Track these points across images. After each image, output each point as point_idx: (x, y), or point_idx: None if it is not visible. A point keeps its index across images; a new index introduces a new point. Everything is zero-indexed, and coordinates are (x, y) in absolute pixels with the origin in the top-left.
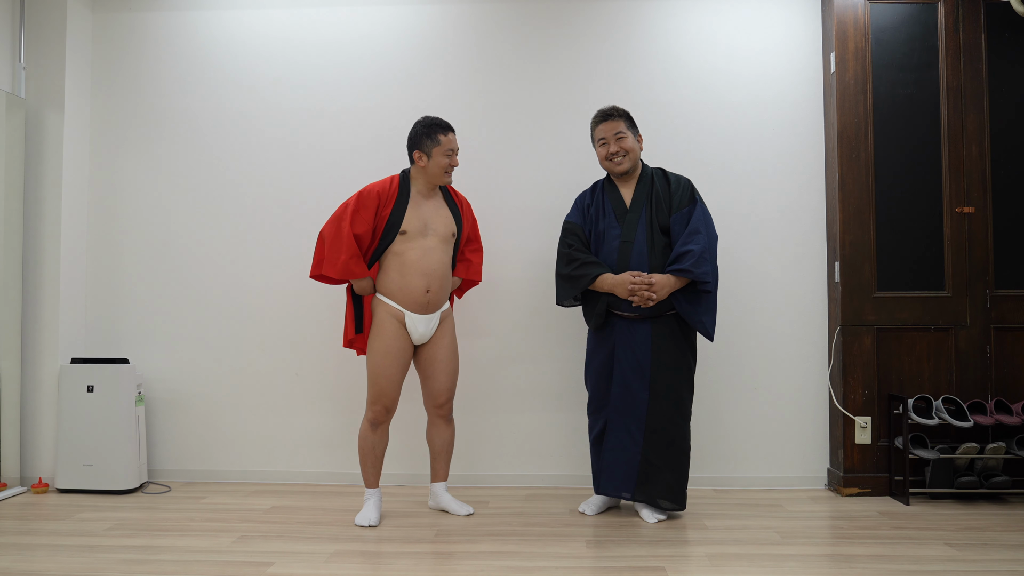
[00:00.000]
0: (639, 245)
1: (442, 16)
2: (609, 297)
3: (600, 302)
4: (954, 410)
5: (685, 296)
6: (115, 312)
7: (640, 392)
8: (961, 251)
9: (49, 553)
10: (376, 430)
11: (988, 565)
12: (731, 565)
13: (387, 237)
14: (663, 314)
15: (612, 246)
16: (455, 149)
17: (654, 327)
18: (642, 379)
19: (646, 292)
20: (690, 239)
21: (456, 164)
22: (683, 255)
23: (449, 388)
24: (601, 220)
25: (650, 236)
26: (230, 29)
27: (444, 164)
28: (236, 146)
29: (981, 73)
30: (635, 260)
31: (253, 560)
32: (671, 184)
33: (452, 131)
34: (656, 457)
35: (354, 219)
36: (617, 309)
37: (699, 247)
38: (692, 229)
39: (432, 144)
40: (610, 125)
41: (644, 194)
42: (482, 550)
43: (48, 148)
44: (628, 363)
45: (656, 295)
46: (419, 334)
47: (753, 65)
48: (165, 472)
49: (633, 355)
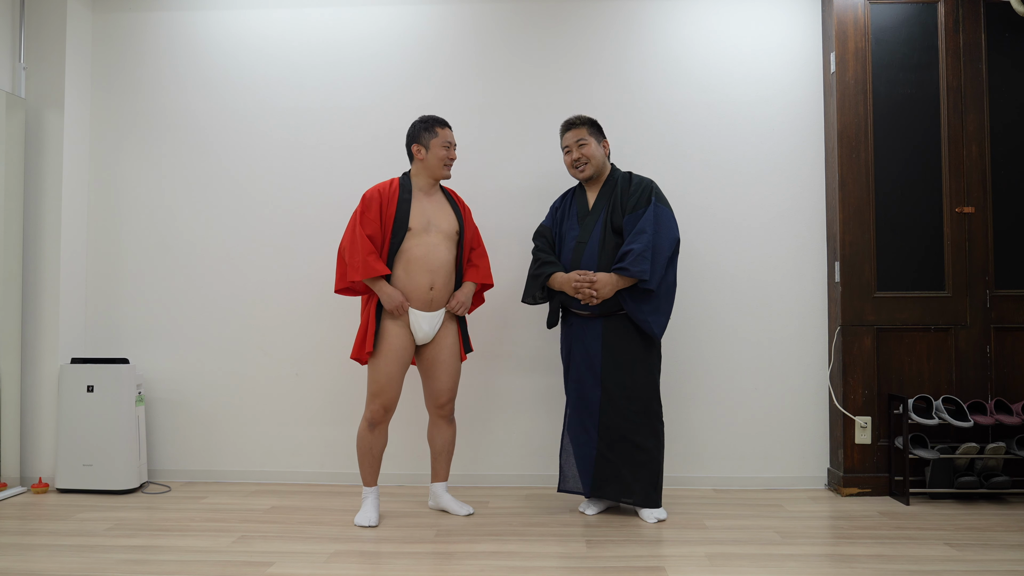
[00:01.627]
0: (592, 245)
1: (443, 16)
2: (563, 296)
3: (554, 300)
4: (954, 410)
5: (631, 295)
6: (115, 312)
7: (592, 389)
8: (961, 251)
9: (49, 553)
10: (374, 430)
11: (988, 565)
12: (731, 565)
13: (397, 235)
14: (615, 312)
15: (570, 247)
16: (452, 142)
17: (606, 324)
18: (594, 376)
19: (587, 289)
20: (635, 239)
21: (454, 157)
22: (624, 254)
23: (451, 389)
24: (565, 222)
25: (603, 236)
26: (230, 29)
27: (442, 156)
28: (236, 146)
29: (981, 73)
30: (586, 259)
31: (253, 560)
32: (632, 186)
33: (449, 126)
34: (611, 453)
35: (363, 221)
36: (573, 308)
37: (640, 246)
38: (639, 229)
39: (430, 137)
40: (573, 133)
41: (606, 197)
42: (482, 550)
43: (48, 148)
44: (582, 360)
45: (598, 292)
46: (423, 333)
47: (753, 65)
48: (165, 472)
49: (586, 352)
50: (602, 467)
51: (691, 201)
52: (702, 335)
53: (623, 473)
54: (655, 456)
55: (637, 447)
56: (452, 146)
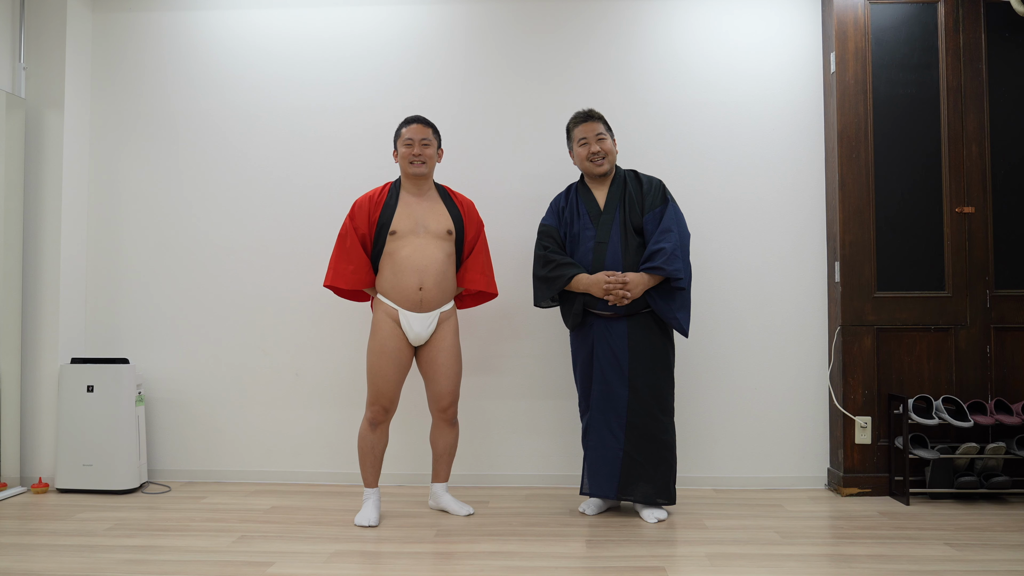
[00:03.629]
0: (613, 245)
1: (443, 15)
2: (585, 297)
3: (577, 302)
4: (954, 410)
5: (659, 293)
6: (115, 312)
7: (620, 389)
8: (961, 251)
9: (49, 553)
10: (375, 430)
11: (988, 565)
12: (731, 565)
13: (379, 240)
14: (639, 311)
15: (587, 247)
16: (414, 139)
17: (630, 324)
18: (621, 376)
19: (620, 291)
20: (662, 237)
21: (418, 154)
22: (655, 253)
23: (452, 391)
24: (576, 222)
25: (624, 236)
26: (230, 29)
27: (405, 154)
28: (236, 146)
29: (981, 73)
30: (610, 260)
31: (253, 560)
32: (643, 185)
33: (416, 122)
34: (638, 454)
35: (356, 226)
36: (594, 308)
37: (670, 245)
38: (664, 228)
39: (396, 138)
40: (591, 126)
41: (618, 196)
42: (482, 550)
43: (48, 148)
44: (607, 360)
45: (631, 293)
46: (414, 334)
47: (752, 65)
48: (165, 472)
49: (611, 352)
50: (628, 468)
51: (690, 201)
52: (702, 335)
53: (648, 472)
54: (675, 451)
55: (663, 444)
56: (414, 143)
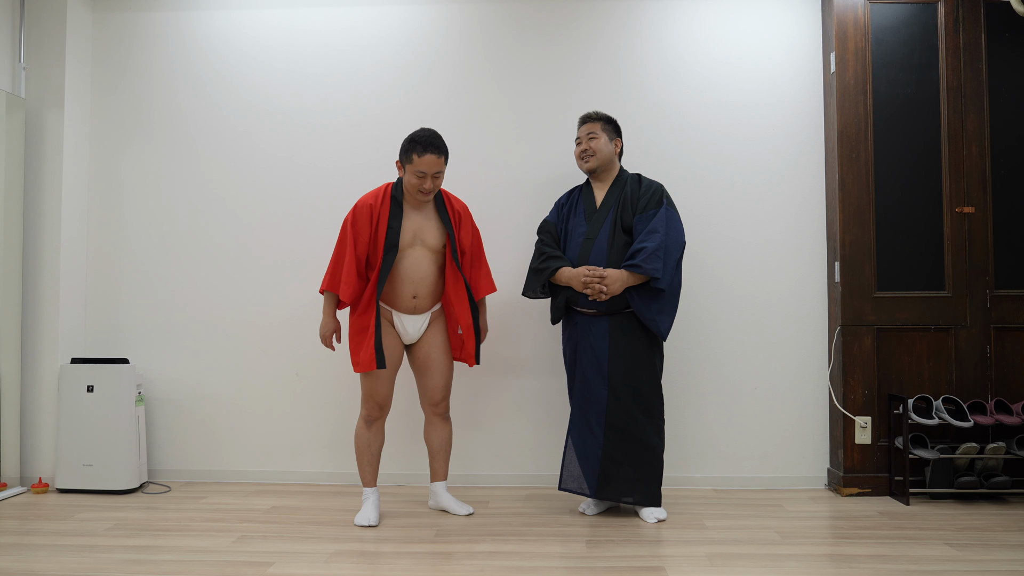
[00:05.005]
0: (600, 241)
1: (443, 15)
2: (568, 292)
3: (560, 296)
4: (954, 410)
5: (640, 293)
6: (115, 312)
7: (599, 388)
8: (961, 251)
9: (49, 553)
10: (371, 428)
11: (988, 565)
12: (731, 565)
13: (389, 255)
14: (620, 311)
15: (576, 242)
16: (427, 172)
17: (612, 323)
18: (601, 375)
19: (597, 285)
20: (647, 237)
21: (428, 189)
22: (636, 252)
23: (444, 386)
24: (572, 218)
25: (612, 234)
26: (230, 29)
27: (414, 184)
28: (236, 146)
29: (981, 73)
30: (594, 255)
31: (253, 560)
32: (642, 188)
33: (432, 152)
34: (617, 453)
35: (356, 236)
36: (577, 305)
37: (653, 245)
38: (651, 229)
39: (406, 161)
40: (586, 127)
41: (615, 196)
42: (482, 550)
43: (48, 148)
44: (588, 358)
45: (608, 288)
46: (408, 333)
47: (752, 65)
48: (165, 472)
49: (592, 351)
50: (607, 467)
51: (690, 201)
52: (702, 335)
53: (628, 473)
54: (659, 455)
55: (644, 446)
56: (427, 177)
